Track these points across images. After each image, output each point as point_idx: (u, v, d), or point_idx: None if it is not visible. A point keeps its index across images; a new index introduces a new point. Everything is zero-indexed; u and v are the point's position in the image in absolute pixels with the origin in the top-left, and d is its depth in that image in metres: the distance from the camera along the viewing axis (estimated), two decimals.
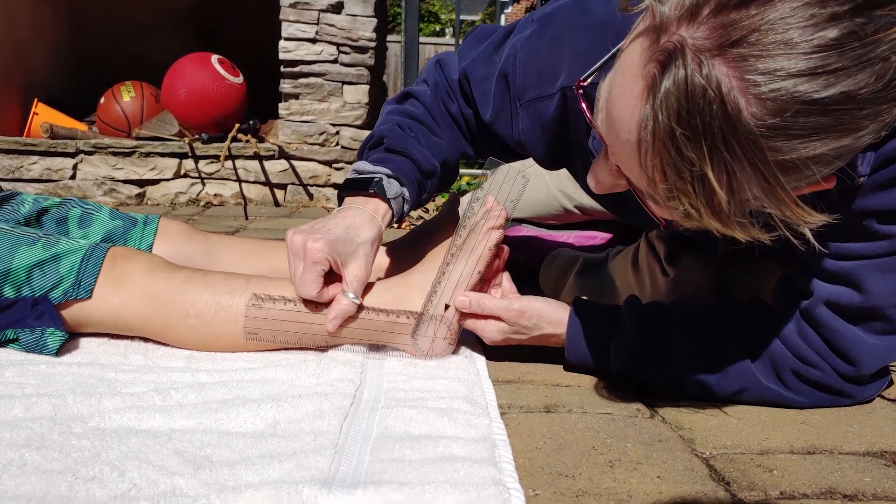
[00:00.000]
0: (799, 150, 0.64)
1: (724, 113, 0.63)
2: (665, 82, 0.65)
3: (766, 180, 0.65)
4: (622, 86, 0.71)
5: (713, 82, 0.63)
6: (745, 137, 0.64)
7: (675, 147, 0.66)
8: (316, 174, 3.02)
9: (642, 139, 0.68)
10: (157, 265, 1.05)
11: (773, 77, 0.62)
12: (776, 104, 0.62)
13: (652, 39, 0.67)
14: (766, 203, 0.67)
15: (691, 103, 0.64)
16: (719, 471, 0.79)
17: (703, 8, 0.64)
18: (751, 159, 0.64)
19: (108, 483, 0.67)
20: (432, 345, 1.05)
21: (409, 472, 0.72)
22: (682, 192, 0.68)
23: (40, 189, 2.94)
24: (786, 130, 0.63)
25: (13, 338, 1.00)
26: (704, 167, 0.65)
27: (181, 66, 3.09)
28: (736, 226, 0.69)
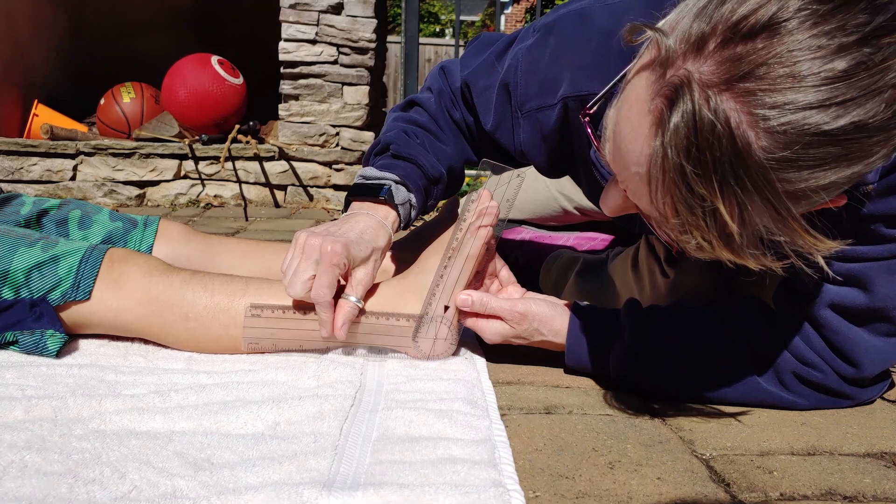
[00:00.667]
0: (809, 180, 0.65)
1: (734, 148, 0.63)
2: (673, 118, 0.65)
3: (777, 212, 0.65)
4: (629, 119, 0.71)
5: (721, 117, 0.63)
6: (755, 171, 0.64)
7: (685, 184, 0.66)
8: (316, 175, 3.02)
9: (652, 175, 0.69)
10: (155, 267, 1.05)
11: (782, 111, 0.62)
12: (786, 137, 0.62)
13: (658, 73, 0.67)
14: (777, 233, 0.67)
15: (700, 139, 0.64)
16: (719, 472, 0.79)
17: (709, 41, 0.64)
18: (761, 192, 0.64)
19: (108, 485, 0.67)
20: (433, 346, 1.05)
21: (410, 473, 0.72)
22: (694, 227, 0.68)
23: (40, 190, 2.94)
24: (796, 162, 0.63)
25: (12, 340, 1.00)
26: (716, 202, 0.65)
27: (181, 67, 3.10)
28: (748, 256, 0.69)
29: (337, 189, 3.03)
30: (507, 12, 16.90)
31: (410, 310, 1.05)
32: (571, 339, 1.03)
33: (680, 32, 0.66)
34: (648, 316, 1.01)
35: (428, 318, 1.04)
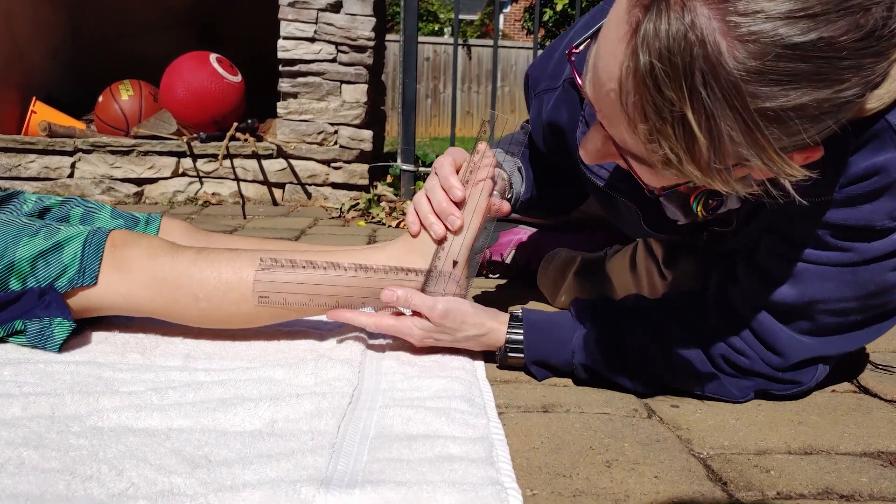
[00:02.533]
0: (779, 97, 0.64)
1: (705, 54, 0.63)
2: (646, 24, 0.65)
3: (746, 124, 0.65)
4: (607, 36, 0.71)
5: (696, 25, 0.63)
6: (725, 80, 0.63)
7: (654, 84, 0.66)
8: (314, 173, 3.02)
9: (623, 80, 0.68)
10: (158, 248, 1.05)
11: (753, 19, 0.62)
12: (756, 47, 0.62)
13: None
14: (745, 150, 0.67)
15: (672, 43, 0.64)
16: (716, 471, 0.79)
17: None
18: (731, 102, 0.64)
19: (105, 482, 0.67)
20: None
21: (407, 471, 0.72)
22: (662, 135, 0.68)
23: (38, 187, 2.93)
24: (766, 75, 0.63)
25: (21, 329, 1.01)
26: (685, 108, 0.65)
27: (179, 64, 3.09)
28: (715, 174, 0.69)
29: (335, 187, 3.03)
30: (506, 11, 16.90)
31: (416, 266, 1.06)
32: (529, 335, 1.04)
33: None
34: (604, 307, 1.04)
35: (436, 273, 1.05)
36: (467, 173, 1.07)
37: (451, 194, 1.05)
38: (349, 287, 1.05)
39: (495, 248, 1.67)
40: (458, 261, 1.05)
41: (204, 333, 1.12)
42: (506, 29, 16.44)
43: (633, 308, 1.03)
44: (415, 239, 1.08)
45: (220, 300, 1.03)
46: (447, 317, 1.04)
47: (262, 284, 1.03)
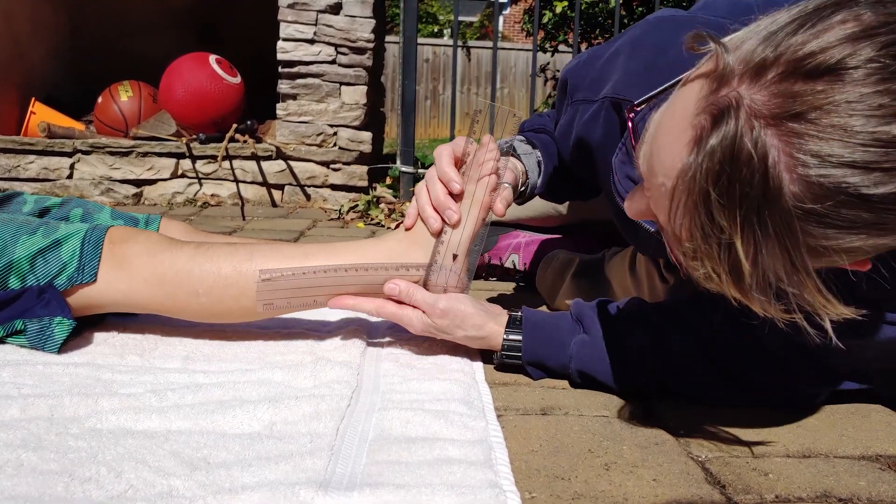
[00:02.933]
0: (833, 239, 0.62)
1: (765, 186, 0.60)
2: (712, 139, 0.62)
3: (793, 262, 0.63)
4: (671, 128, 0.68)
5: (760, 151, 0.60)
6: (780, 215, 0.61)
7: (707, 211, 0.63)
8: (313, 175, 3.01)
9: (677, 191, 0.66)
10: (157, 244, 1.05)
11: (823, 161, 0.59)
12: (820, 189, 0.59)
13: (710, 88, 0.64)
14: (788, 284, 0.64)
15: (733, 168, 0.61)
16: (715, 474, 0.79)
17: (770, 70, 0.61)
18: (781, 239, 0.62)
19: (104, 484, 0.67)
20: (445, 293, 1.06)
21: (406, 474, 0.72)
22: (706, 256, 0.66)
23: (37, 188, 2.93)
24: (824, 218, 0.60)
25: (20, 328, 1.01)
26: (734, 237, 0.62)
27: (179, 65, 3.09)
28: (755, 300, 0.66)
29: (334, 189, 3.03)
30: (506, 13, 16.91)
31: (416, 260, 1.06)
32: (528, 336, 1.04)
33: (743, 52, 0.63)
34: (603, 310, 1.03)
35: (437, 267, 1.05)
36: (471, 166, 1.07)
37: (450, 187, 1.04)
38: (353, 286, 1.05)
39: (494, 252, 1.67)
40: (457, 254, 1.05)
41: (203, 335, 1.12)
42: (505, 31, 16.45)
43: (633, 314, 1.02)
44: (416, 231, 1.07)
45: (219, 295, 1.03)
46: (447, 315, 1.04)
47: (265, 294, 1.03)
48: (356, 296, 1.07)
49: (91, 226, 1.05)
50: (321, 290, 1.05)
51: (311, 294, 1.05)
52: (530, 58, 7.65)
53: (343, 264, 1.05)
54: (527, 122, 1.32)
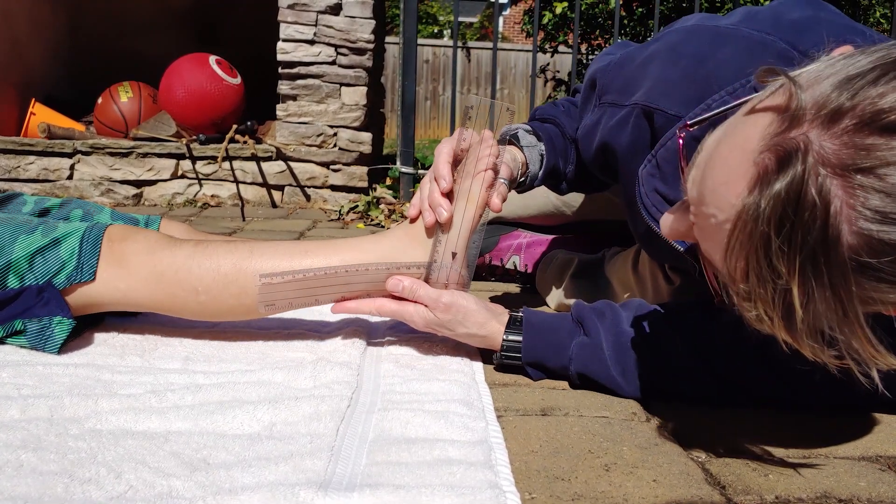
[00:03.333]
0: (883, 293, 0.61)
1: (824, 235, 0.59)
2: (778, 183, 0.60)
3: (845, 312, 0.62)
4: (730, 159, 0.66)
5: (824, 200, 0.59)
6: (836, 265, 0.60)
7: (766, 256, 0.62)
8: (313, 175, 3.02)
9: (735, 232, 0.65)
10: (156, 243, 1.05)
11: (885, 218, 0.58)
12: (878, 245, 0.59)
13: (780, 126, 0.62)
14: (839, 333, 0.63)
15: (797, 216, 0.60)
16: (715, 475, 0.79)
17: (844, 119, 0.60)
18: (835, 288, 0.61)
19: (104, 485, 0.67)
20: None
21: (406, 474, 0.72)
22: (760, 299, 0.64)
23: (37, 189, 2.93)
24: (878, 272, 0.60)
25: (20, 329, 1.00)
26: (792, 283, 0.62)
27: (179, 66, 3.09)
28: (806, 345, 0.65)
29: (334, 189, 3.03)
30: (506, 13, 16.91)
31: (417, 258, 1.06)
32: (528, 337, 1.04)
33: (817, 94, 0.61)
34: (603, 311, 1.03)
35: (437, 266, 1.05)
36: (469, 161, 1.07)
37: (439, 185, 1.04)
38: (355, 283, 1.05)
39: (495, 253, 1.67)
40: (456, 251, 1.05)
41: (203, 335, 1.12)
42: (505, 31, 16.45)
43: (634, 315, 1.02)
44: (415, 228, 1.07)
45: (219, 293, 1.03)
46: (450, 310, 1.04)
47: (266, 294, 1.03)
48: (357, 297, 1.07)
49: (90, 225, 1.05)
50: (322, 290, 1.05)
51: (313, 293, 1.05)
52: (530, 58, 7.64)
53: (343, 265, 1.05)
54: (538, 109, 1.30)
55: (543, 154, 1.21)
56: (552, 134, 1.23)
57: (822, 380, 0.92)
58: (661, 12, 4.39)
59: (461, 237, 1.05)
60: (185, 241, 1.07)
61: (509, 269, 1.65)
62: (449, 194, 1.04)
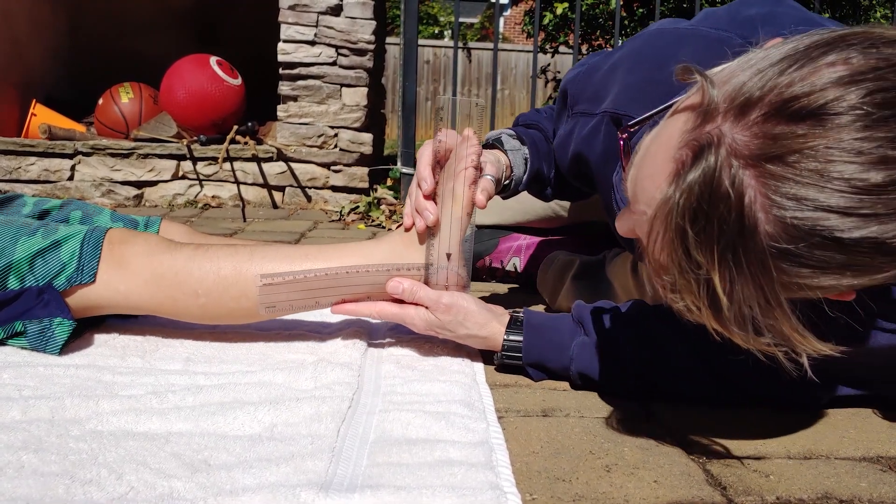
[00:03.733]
0: (806, 278, 0.62)
1: (740, 225, 0.61)
2: (691, 175, 0.62)
3: (767, 300, 0.63)
4: (655, 157, 0.68)
5: (737, 191, 0.60)
6: (754, 254, 0.61)
7: (683, 246, 0.64)
8: (314, 176, 3.02)
9: (655, 223, 0.66)
10: (157, 245, 1.05)
11: (799, 205, 0.59)
12: (795, 231, 0.60)
13: (694, 122, 0.64)
14: (763, 320, 0.65)
15: (712, 207, 0.61)
16: (716, 475, 0.79)
17: (754, 110, 0.61)
18: (755, 276, 0.62)
19: (105, 486, 0.67)
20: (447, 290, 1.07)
21: (407, 475, 0.72)
22: (685, 290, 0.66)
23: (38, 190, 2.93)
24: (798, 258, 0.61)
25: (21, 330, 1.01)
26: (712, 273, 0.63)
27: (179, 67, 3.09)
28: (736, 334, 0.66)
29: (335, 190, 3.03)
30: (506, 14, 16.91)
31: (416, 261, 1.06)
32: (529, 337, 1.04)
33: (730, 88, 0.63)
34: (604, 312, 1.03)
35: (434, 269, 1.05)
36: (453, 162, 1.07)
37: (422, 188, 1.04)
38: (355, 286, 1.05)
39: (495, 255, 1.67)
40: (451, 252, 1.05)
41: (204, 336, 1.12)
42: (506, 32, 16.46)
43: (634, 316, 1.02)
44: (412, 232, 1.08)
45: (219, 296, 1.03)
46: (451, 311, 1.04)
47: (267, 296, 1.03)
48: (357, 299, 1.07)
49: (91, 227, 1.05)
50: (323, 292, 1.05)
51: (313, 295, 1.05)
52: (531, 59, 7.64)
53: (343, 266, 1.05)
54: (522, 116, 1.32)
55: (528, 158, 1.22)
56: (536, 138, 1.24)
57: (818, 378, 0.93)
58: (661, 13, 4.39)
59: (453, 237, 1.05)
60: (185, 244, 1.07)
61: (509, 271, 1.65)
62: (434, 197, 1.04)
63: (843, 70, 0.60)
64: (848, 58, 0.60)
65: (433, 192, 1.04)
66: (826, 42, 0.62)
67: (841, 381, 0.94)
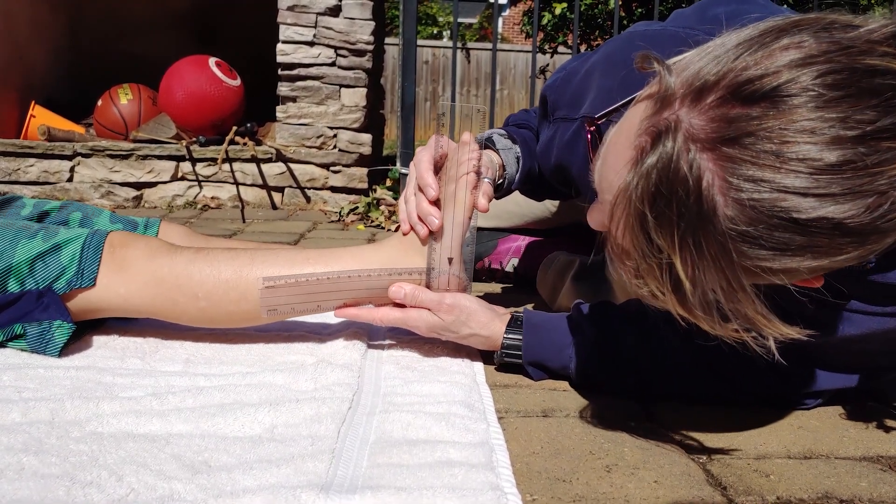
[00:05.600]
0: (768, 260, 0.63)
1: (699, 208, 0.61)
2: (649, 160, 0.63)
3: (729, 283, 0.64)
4: (616, 146, 0.70)
5: (695, 174, 0.61)
6: (714, 237, 0.62)
7: (644, 231, 0.65)
8: (313, 177, 3.02)
9: (616, 210, 0.67)
10: (157, 249, 1.05)
11: (757, 186, 0.60)
12: (754, 213, 0.61)
13: (653, 109, 0.65)
14: (727, 303, 0.65)
15: (671, 191, 0.62)
16: (716, 475, 0.79)
17: (710, 94, 0.62)
18: (717, 260, 0.63)
19: (105, 488, 0.67)
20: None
21: (407, 476, 0.72)
22: (648, 275, 0.67)
23: (37, 192, 2.93)
24: (758, 240, 0.62)
25: (20, 333, 1.01)
26: (673, 257, 0.64)
27: (178, 68, 3.09)
28: (701, 318, 0.67)
29: (334, 191, 3.03)
30: (505, 14, 16.91)
31: (417, 265, 1.06)
32: (528, 337, 1.04)
33: (687, 74, 0.64)
34: (603, 311, 1.03)
35: (436, 273, 1.05)
36: (451, 165, 1.07)
37: (427, 194, 1.04)
38: (356, 290, 1.05)
39: (495, 256, 1.67)
40: (452, 257, 1.05)
41: (203, 338, 1.12)
42: (504, 32, 16.46)
43: (633, 315, 1.02)
44: (410, 237, 1.08)
45: (219, 299, 1.03)
46: (454, 310, 1.04)
47: (268, 299, 1.03)
48: (359, 305, 1.08)
49: (91, 231, 1.05)
50: (324, 296, 1.05)
51: (315, 299, 1.05)
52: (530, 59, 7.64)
53: (345, 270, 1.05)
54: (511, 116, 1.33)
55: (520, 157, 1.22)
56: (527, 138, 1.25)
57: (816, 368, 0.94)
58: (660, 13, 4.40)
59: (454, 241, 1.05)
60: (186, 247, 1.07)
61: (508, 272, 1.66)
62: (436, 202, 1.05)
63: (795, 53, 0.61)
64: (801, 41, 0.62)
65: (437, 197, 1.04)
66: (780, 28, 0.63)
67: (841, 371, 0.94)
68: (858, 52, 0.60)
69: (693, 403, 0.98)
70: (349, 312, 1.08)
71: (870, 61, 0.60)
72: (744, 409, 0.97)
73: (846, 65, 0.60)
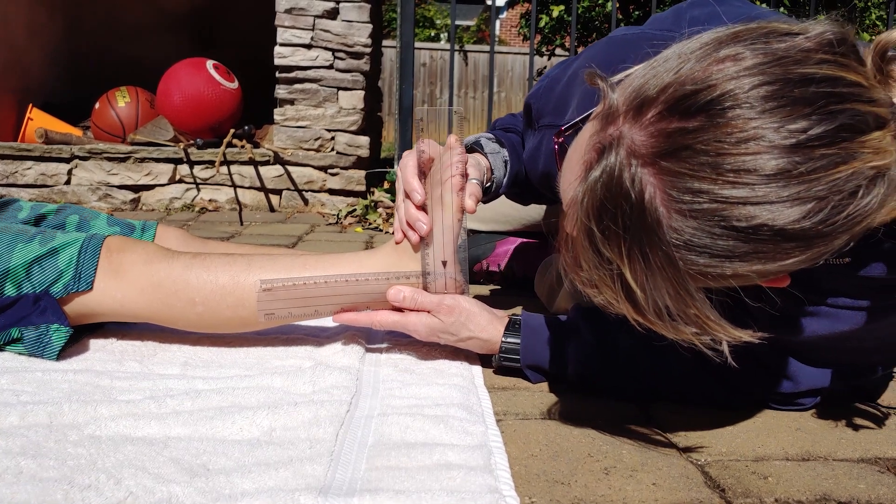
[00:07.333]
0: (716, 267, 0.64)
1: (643, 221, 0.63)
2: (592, 175, 0.65)
3: (678, 291, 0.65)
4: (571, 161, 0.72)
5: (637, 188, 0.63)
6: (659, 248, 0.64)
7: (591, 243, 0.67)
8: (311, 180, 3.02)
9: (567, 222, 0.69)
10: (154, 254, 1.05)
11: (696, 197, 0.62)
12: (696, 223, 0.62)
13: (599, 125, 0.68)
14: (676, 310, 0.67)
15: (613, 204, 0.64)
16: (714, 478, 0.79)
17: (650, 109, 0.64)
18: (663, 270, 0.64)
19: (104, 491, 0.67)
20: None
21: (406, 479, 0.72)
22: (602, 284, 0.69)
23: (35, 195, 2.93)
24: (703, 249, 0.63)
25: (17, 336, 1.00)
26: (623, 267, 0.65)
27: (176, 71, 3.09)
28: (658, 324, 0.68)
29: (332, 193, 3.03)
30: (503, 17, 16.93)
31: (412, 269, 1.06)
32: (527, 340, 1.04)
33: (630, 90, 0.66)
34: (601, 314, 1.03)
35: (432, 277, 1.05)
36: (438, 170, 1.07)
37: (413, 199, 1.04)
38: (354, 294, 1.05)
39: (492, 259, 1.67)
40: (446, 259, 1.05)
41: (202, 341, 1.12)
42: (502, 35, 16.48)
43: None
44: (404, 244, 1.08)
45: (216, 304, 1.03)
46: (454, 312, 1.04)
47: (266, 303, 1.03)
48: (356, 308, 1.07)
49: (89, 235, 1.05)
50: (322, 300, 1.05)
51: (313, 304, 1.05)
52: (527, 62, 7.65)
53: (343, 274, 1.05)
54: (498, 120, 1.34)
55: (507, 160, 1.22)
56: (514, 142, 1.25)
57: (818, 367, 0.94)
58: None
59: (446, 245, 1.05)
60: (183, 252, 1.07)
61: (506, 275, 1.66)
62: (424, 207, 1.04)
63: (731, 66, 0.62)
64: (737, 54, 0.63)
65: (424, 202, 1.04)
66: (718, 40, 0.65)
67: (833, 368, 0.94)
68: (793, 61, 0.62)
69: (692, 406, 0.98)
70: (347, 317, 1.07)
71: (803, 70, 0.61)
72: (741, 411, 0.97)
73: (779, 76, 0.61)
